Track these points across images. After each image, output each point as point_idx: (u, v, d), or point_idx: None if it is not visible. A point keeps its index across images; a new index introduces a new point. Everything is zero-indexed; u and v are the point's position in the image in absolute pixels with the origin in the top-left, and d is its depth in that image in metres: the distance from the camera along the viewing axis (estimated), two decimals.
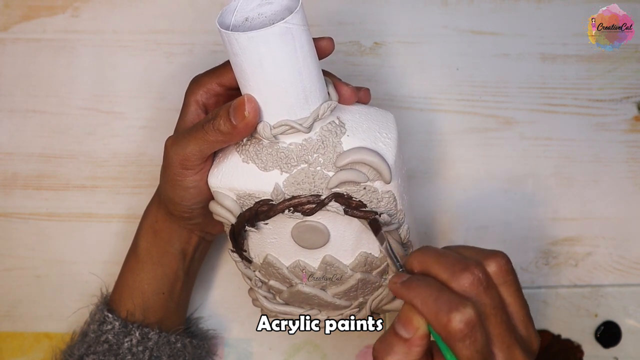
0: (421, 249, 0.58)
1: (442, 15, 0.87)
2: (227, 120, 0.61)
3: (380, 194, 0.63)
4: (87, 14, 0.88)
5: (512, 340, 0.55)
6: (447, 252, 0.57)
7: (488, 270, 0.55)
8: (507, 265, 0.56)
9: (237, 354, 0.85)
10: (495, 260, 0.56)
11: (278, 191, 0.62)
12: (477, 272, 0.54)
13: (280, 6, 0.61)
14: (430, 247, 0.58)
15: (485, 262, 0.56)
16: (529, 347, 0.57)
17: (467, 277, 0.54)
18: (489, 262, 0.56)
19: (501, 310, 0.54)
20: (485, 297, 0.54)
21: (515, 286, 0.56)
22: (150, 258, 0.76)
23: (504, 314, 0.55)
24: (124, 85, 0.88)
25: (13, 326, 0.86)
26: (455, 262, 0.55)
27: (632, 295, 0.85)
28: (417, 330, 0.55)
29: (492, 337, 0.54)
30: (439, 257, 0.56)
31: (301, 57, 0.58)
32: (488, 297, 0.54)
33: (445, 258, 0.56)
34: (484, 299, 0.54)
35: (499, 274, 0.55)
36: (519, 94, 0.87)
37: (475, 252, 0.57)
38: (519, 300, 0.56)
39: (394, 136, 0.64)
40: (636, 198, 0.86)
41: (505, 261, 0.56)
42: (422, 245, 0.82)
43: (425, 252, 0.57)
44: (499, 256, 0.56)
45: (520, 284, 0.57)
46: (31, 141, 0.87)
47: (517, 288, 0.56)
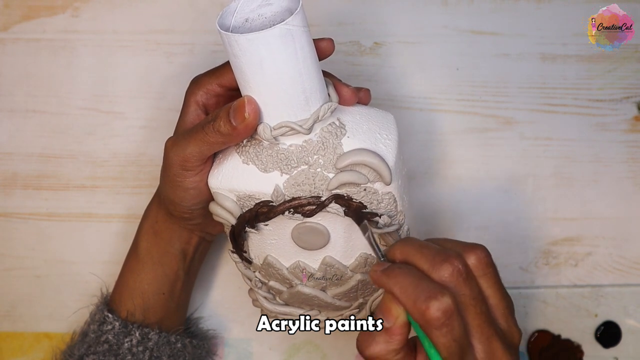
0: (403, 239, 0.59)
1: (442, 15, 0.87)
2: (227, 122, 0.61)
3: (381, 195, 0.63)
4: (87, 14, 0.88)
5: (492, 332, 0.55)
6: (428, 244, 0.57)
7: (468, 262, 0.56)
8: (486, 258, 0.57)
9: (237, 354, 0.85)
10: (475, 253, 0.56)
11: (278, 192, 0.62)
12: (457, 263, 0.55)
13: (280, 7, 0.61)
14: (412, 238, 0.59)
15: (466, 254, 0.56)
16: (509, 340, 0.57)
17: (447, 267, 0.55)
18: (469, 254, 0.56)
19: (480, 301, 0.55)
20: (464, 288, 0.55)
21: (494, 279, 0.57)
22: (150, 258, 0.76)
23: (483, 305, 0.55)
24: (124, 85, 0.88)
25: (13, 326, 0.86)
26: (436, 253, 0.56)
27: (632, 295, 0.86)
28: (397, 319, 0.56)
29: (470, 328, 0.55)
30: (421, 247, 0.57)
31: (301, 59, 0.58)
32: (467, 287, 0.55)
33: (427, 249, 0.56)
34: (463, 289, 0.55)
35: (479, 266, 0.56)
36: (519, 94, 0.87)
37: (456, 245, 0.58)
38: (499, 292, 0.57)
39: (394, 137, 0.64)
40: (636, 198, 0.86)
41: (485, 254, 0.57)
42: None
43: (407, 243, 0.58)
44: (479, 249, 0.57)
45: (500, 277, 0.58)
46: (31, 141, 0.87)
47: (496, 281, 0.57)
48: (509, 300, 0.58)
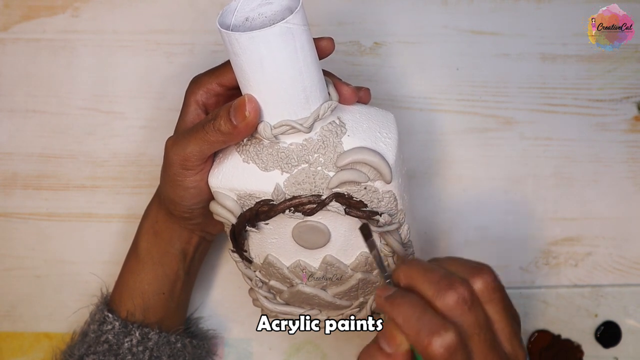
0: (408, 262, 0.57)
1: (442, 15, 0.87)
2: (228, 121, 0.61)
3: (381, 193, 0.63)
4: (87, 14, 0.88)
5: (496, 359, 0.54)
6: (433, 268, 0.56)
7: (474, 288, 0.55)
8: (493, 282, 0.55)
9: (237, 354, 0.85)
10: (481, 278, 0.55)
11: (279, 191, 0.62)
12: (462, 290, 0.54)
13: (280, 6, 0.61)
14: (417, 260, 0.58)
15: (472, 279, 0.55)
16: None
17: (452, 296, 0.53)
18: (475, 279, 0.55)
19: (485, 329, 0.54)
20: (469, 317, 0.54)
21: (502, 303, 0.55)
22: (150, 258, 0.76)
23: (488, 332, 0.54)
24: (124, 85, 0.88)
25: (13, 326, 0.86)
26: (441, 279, 0.54)
27: (632, 295, 0.85)
28: (399, 346, 0.55)
29: (474, 356, 0.54)
30: (425, 272, 0.55)
31: (302, 57, 0.58)
32: (472, 316, 0.54)
33: (432, 274, 0.55)
34: (468, 318, 0.54)
35: (485, 292, 0.55)
36: (519, 94, 0.87)
37: (462, 268, 0.56)
38: (505, 317, 0.56)
39: (394, 136, 0.64)
40: (636, 198, 0.86)
41: (492, 278, 0.55)
42: (421, 245, 0.83)
43: (411, 266, 0.57)
44: (486, 273, 0.55)
45: (507, 299, 0.56)
46: (31, 141, 0.87)
47: (503, 305, 0.56)
48: (515, 323, 0.57)
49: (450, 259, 0.58)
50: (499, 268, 0.83)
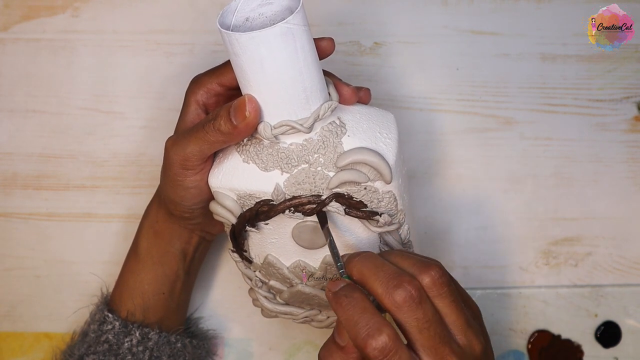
0: (360, 257, 0.59)
1: (442, 15, 0.87)
2: (228, 121, 0.61)
3: (381, 194, 0.63)
4: (87, 14, 0.88)
5: (447, 351, 0.56)
6: (383, 264, 0.58)
7: (422, 284, 0.57)
8: (441, 278, 0.57)
9: (237, 354, 0.85)
10: (429, 273, 0.57)
11: (279, 191, 0.62)
12: (410, 288, 0.56)
13: (280, 6, 0.61)
14: (368, 255, 0.59)
15: (420, 275, 0.57)
16: (469, 353, 0.58)
17: (400, 294, 0.55)
18: (424, 275, 0.57)
19: (434, 323, 0.56)
20: (417, 313, 0.56)
21: (450, 297, 0.57)
22: (150, 258, 0.76)
23: (438, 326, 0.56)
24: (124, 85, 0.88)
25: (13, 326, 0.86)
26: (390, 277, 0.56)
27: (632, 295, 0.85)
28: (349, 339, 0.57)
29: (426, 350, 0.56)
30: (376, 269, 0.57)
31: (302, 57, 0.58)
32: (420, 311, 0.56)
33: (382, 272, 0.57)
34: (417, 314, 0.56)
35: (433, 287, 0.57)
36: (519, 94, 0.87)
37: (411, 264, 0.58)
38: (456, 310, 0.57)
39: (394, 136, 0.64)
40: (636, 198, 0.86)
41: (440, 274, 0.57)
42: (422, 246, 0.82)
43: (364, 262, 0.59)
44: (433, 269, 0.57)
45: (457, 292, 0.58)
46: (31, 141, 0.87)
47: (452, 299, 0.57)
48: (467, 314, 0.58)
49: (400, 254, 0.60)
50: (499, 268, 0.84)
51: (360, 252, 0.60)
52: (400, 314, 0.56)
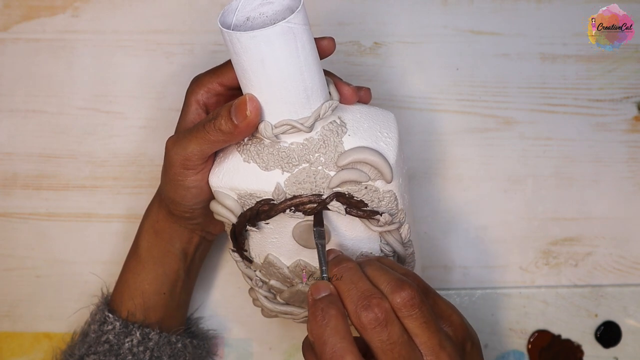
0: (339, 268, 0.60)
1: (442, 15, 0.87)
2: (229, 120, 0.61)
3: (382, 193, 0.63)
4: (87, 14, 0.88)
5: None
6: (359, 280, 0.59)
7: (393, 304, 0.58)
8: (412, 299, 0.57)
9: (237, 354, 0.85)
10: (400, 295, 0.58)
11: (279, 191, 0.62)
12: (377, 311, 0.57)
13: (281, 6, 0.61)
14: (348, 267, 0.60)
15: (392, 294, 0.58)
16: None
17: (367, 316, 0.57)
18: (395, 295, 0.58)
19: (399, 345, 0.57)
20: (382, 334, 0.57)
21: (421, 319, 0.58)
22: (151, 258, 0.76)
23: (403, 348, 0.57)
24: (124, 85, 0.88)
25: (13, 326, 0.86)
26: (360, 297, 0.57)
27: (632, 295, 0.85)
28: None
29: None
30: (351, 285, 0.59)
31: (303, 57, 0.58)
32: (385, 333, 0.56)
33: (355, 289, 0.58)
34: (381, 335, 0.56)
35: (403, 308, 0.57)
36: (519, 94, 0.87)
37: (387, 280, 0.59)
38: (427, 331, 0.58)
39: (394, 135, 0.65)
40: (636, 198, 0.86)
41: (411, 296, 0.58)
42: (422, 246, 0.82)
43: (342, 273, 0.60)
44: (405, 290, 0.58)
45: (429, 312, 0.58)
46: (31, 141, 0.87)
47: (424, 320, 0.58)
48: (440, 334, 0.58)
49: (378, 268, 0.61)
50: (499, 268, 0.84)
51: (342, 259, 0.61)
52: (366, 334, 0.57)
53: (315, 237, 0.63)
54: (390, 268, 0.61)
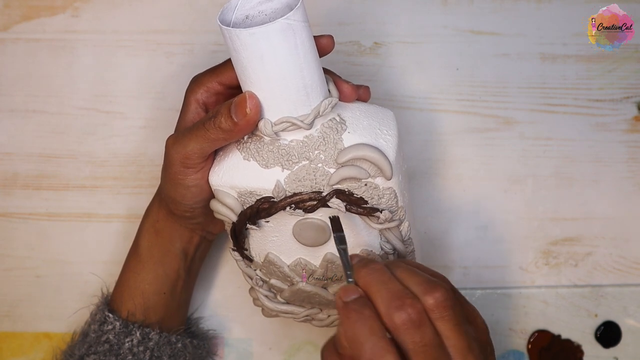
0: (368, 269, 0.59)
1: (442, 15, 0.88)
2: (229, 118, 0.61)
3: (382, 190, 0.63)
4: (87, 14, 0.88)
5: None
6: (390, 281, 0.58)
7: (426, 305, 0.57)
8: (445, 301, 0.57)
9: (237, 354, 0.85)
10: (433, 295, 0.57)
11: (279, 188, 0.62)
12: (411, 311, 0.56)
13: (280, 4, 0.61)
14: (377, 268, 0.59)
15: (425, 296, 0.57)
16: None
17: (400, 316, 0.56)
18: (428, 296, 0.57)
19: (432, 347, 0.56)
20: (415, 336, 0.56)
21: (453, 321, 0.57)
22: (151, 258, 0.76)
23: (435, 350, 0.56)
24: (124, 85, 0.88)
25: (13, 326, 0.86)
26: (393, 297, 0.57)
27: (632, 295, 0.85)
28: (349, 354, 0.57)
29: None
30: (383, 284, 0.58)
31: (302, 54, 0.58)
32: (418, 335, 0.56)
33: (386, 290, 0.57)
34: (414, 337, 0.56)
35: (436, 309, 0.57)
36: (519, 94, 0.87)
37: (418, 282, 0.58)
38: (458, 333, 0.57)
39: (394, 133, 0.65)
40: (636, 198, 0.86)
41: (445, 297, 0.57)
42: (422, 245, 0.82)
43: (371, 274, 0.59)
44: (439, 291, 0.57)
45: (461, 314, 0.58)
46: (31, 141, 0.87)
47: (455, 322, 0.57)
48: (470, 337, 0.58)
49: (408, 270, 0.60)
50: (499, 268, 0.84)
51: (368, 261, 0.60)
52: (398, 335, 0.56)
53: (337, 243, 0.62)
54: (418, 269, 0.61)
